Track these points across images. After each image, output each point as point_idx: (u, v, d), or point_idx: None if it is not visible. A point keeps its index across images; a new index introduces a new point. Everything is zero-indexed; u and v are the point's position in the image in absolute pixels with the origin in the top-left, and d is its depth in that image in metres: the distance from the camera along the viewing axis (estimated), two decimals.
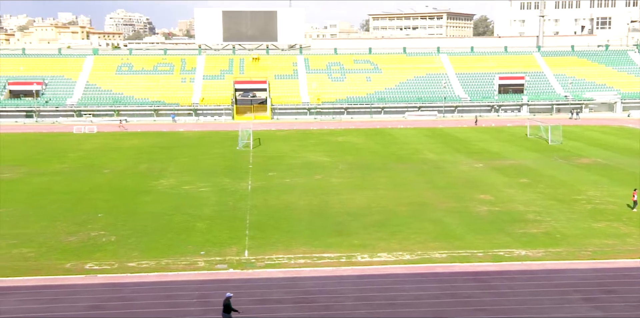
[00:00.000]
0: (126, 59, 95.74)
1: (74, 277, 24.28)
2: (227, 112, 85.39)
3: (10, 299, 22.07)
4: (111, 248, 27.95)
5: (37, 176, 45.05)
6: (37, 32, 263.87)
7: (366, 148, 58.21)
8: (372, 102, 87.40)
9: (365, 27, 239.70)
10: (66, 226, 31.33)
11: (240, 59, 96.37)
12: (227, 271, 24.99)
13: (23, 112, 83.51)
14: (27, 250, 27.61)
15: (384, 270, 25.27)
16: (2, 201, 36.85)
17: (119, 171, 47.11)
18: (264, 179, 43.53)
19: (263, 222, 32.20)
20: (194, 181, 42.70)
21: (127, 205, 36.09)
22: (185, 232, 30.44)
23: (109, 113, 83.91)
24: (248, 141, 58.73)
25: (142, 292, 22.82)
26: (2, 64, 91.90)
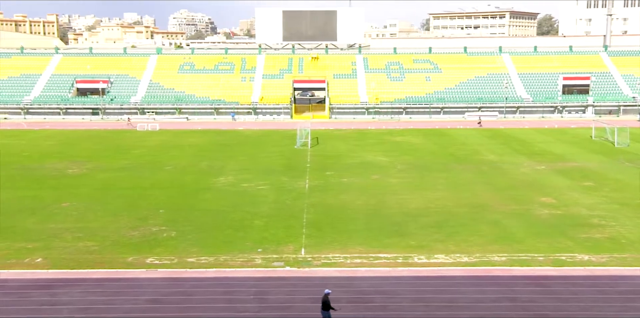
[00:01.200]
0: (188, 58, 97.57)
1: (135, 271, 24.85)
2: (286, 111, 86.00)
3: (75, 291, 22.76)
4: (171, 243, 28.50)
5: (102, 171, 46.36)
6: (104, 32, 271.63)
7: (424, 148, 57.68)
8: (432, 102, 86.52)
9: (425, 27, 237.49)
10: (129, 221, 32.12)
11: (300, 59, 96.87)
12: (284, 269, 25.15)
13: (89, 109, 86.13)
14: (91, 243, 28.42)
15: (441, 271, 24.97)
16: (68, 195, 38.07)
17: (180, 168, 48.04)
18: (322, 178, 43.63)
19: (320, 221, 32.28)
20: (252, 179, 43.16)
21: (187, 202, 36.75)
22: (243, 229, 30.78)
23: (171, 111, 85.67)
24: (306, 140, 58.98)
25: (200, 287, 23.18)
26: (71, 62, 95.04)
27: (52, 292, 22.54)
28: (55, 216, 33.07)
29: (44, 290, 22.74)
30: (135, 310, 21.04)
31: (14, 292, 22.54)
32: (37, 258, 26.24)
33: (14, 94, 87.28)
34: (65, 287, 23.03)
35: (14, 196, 37.84)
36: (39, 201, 36.44)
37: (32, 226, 31.19)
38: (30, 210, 34.31)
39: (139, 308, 21.22)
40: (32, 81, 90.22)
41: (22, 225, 31.39)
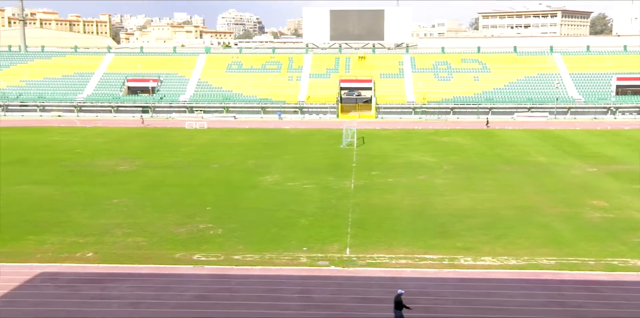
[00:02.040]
0: (236, 57, 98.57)
1: (182, 267, 25.21)
2: (332, 110, 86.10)
3: (124, 285, 23.22)
4: (218, 240, 28.83)
5: (151, 168, 47.20)
6: (154, 32, 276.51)
7: (472, 149, 56.99)
8: (480, 102, 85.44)
9: (474, 26, 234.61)
10: (176, 218, 32.61)
11: (347, 58, 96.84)
12: (329, 268, 25.17)
13: (140, 107, 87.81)
14: (140, 239, 28.96)
15: (487, 274, 24.62)
16: (119, 192, 38.88)
17: (227, 166, 48.55)
18: (367, 178, 43.53)
19: (365, 221, 32.20)
20: (298, 178, 43.33)
21: (234, 199, 37.12)
22: (289, 228, 30.93)
23: (219, 110, 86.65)
24: (352, 140, 58.92)
25: (246, 285, 23.38)
26: (122, 62, 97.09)
27: (102, 286, 23.05)
28: (106, 212, 33.82)
29: (95, 284, 23.26)
30: (182, 306, 21.36)
31: (65, 285, 23.12)
32: (88, 253, 26.87)
33: (68, 92, 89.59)
34: (114, 282, 23.52)
35: (67, 191, 38.85)
36: (90, 197, 37.32)
37: (84, 221, 31.97)
38: (83, 206, 35.16)
39: (186, 304, 21.52)
40: (85, 80, 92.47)
41: (74, 220, 32.19)
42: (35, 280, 23.69)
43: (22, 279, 23.66)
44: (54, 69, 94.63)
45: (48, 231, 30.06)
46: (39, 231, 30.05)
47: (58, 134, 67.26)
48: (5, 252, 26.78)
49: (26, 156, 52.32)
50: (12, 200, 36.37)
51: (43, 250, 27.16)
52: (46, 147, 58.02)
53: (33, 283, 23.30)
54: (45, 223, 31.42)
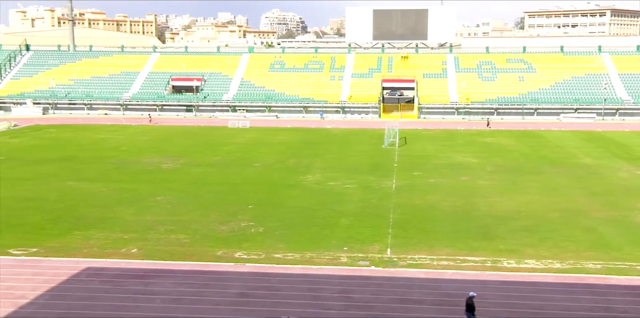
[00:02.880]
0: (279, 57, 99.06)
1: (224, 264, 25.47)
2: (374, 110, 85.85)
3: (166, 281, 23.57)
4: (259, 238, 29.03)
5: (194, 166, 47.80)
6: (199, 31, 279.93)
7: (516, 150, 56.15)
8: (525, 103, 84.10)
9: (520, 25, 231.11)
10: (219, 216, 32.95)
11: (389, 58, 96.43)
12: (369, 269, 25.12)
13: (184, 106, 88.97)
14: (183, 236, 29.35)
15: (531, 277, 24.24)
16: (162, 189, 39.48)
17: (268, 164, 48.86)
18: (409, 178, 43.28)
19: (406, 221, 32.04)
20: (339, 178, 43.34)
21: (275, 198, 37.33)
22: (329, 227, 30.96)
23: (261, 109, 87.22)
24: (394, 140, 58.65)
25: (287, 283, 23.49)
26: (167, 61, 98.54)
27: (145, 282, 23.44)
28: (150, 209, 34.38)
29: (138, 280, 23.67)
30: (223, 303, 21.58)
31: (110, 280, 23.59)
32: (132, 249, 27.36)
33: (114, 91, 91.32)
34: (157, 278, 23.90)
35: (113, 188, 39.62)
36: (135, 194, 37.98)
37: (129, 217, 32.56)
38: (128, 203, 35.82)
39: (227, 301, 21.74)
40: (131, 79, 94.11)
41: (119, 216, 32.82)
42: (82, 274, 24.23)
43: (69, 273, 24.23)
44: (101, 68, 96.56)
45: (94, 226, 30.72)
46: (85, 226, 30.74)
47: (105, 132, 68.65)
48: (53, 247, 27.47)
49: (74, 154, 53.55)
50: (61, 196, 37.28)
51: (89, 245, 27.76)
52: (93, 144, 59.29)
53: (79, 278, 23.83)
54: (91, 219, 32.11)
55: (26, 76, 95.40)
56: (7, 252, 26.72)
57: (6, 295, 22.04)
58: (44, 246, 27.49)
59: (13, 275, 24.03)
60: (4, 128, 70.85)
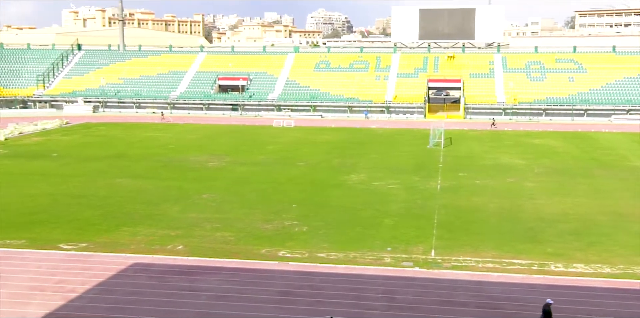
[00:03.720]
0: (324, 56, 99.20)
1: (268, 263, 25.64)
2: (419, 110, 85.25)
3: (211, 278, 23.86)
4: (303, 237, 29.13)
5: (239, 165, 48.24)
6: (245, 31, 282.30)
7: (565, 152, 55.04)
8: (574, 103, 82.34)
9: (570, 25, 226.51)
10: (263, 214, 33.19)
11: (435, 57, 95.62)
12: (413, 270, 24.96)
13: (229, 105, 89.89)
14: (228, 233, 29.66)
15: (579, 282, 23.73)
16: (208, 187, 39.96)
17: (312, 164, 48.99)
18: (454, 179, 42.85)
19: (451, 223, 31.72)
20: (383, 178, 43.18)
21: (319, 198, 37.40)
22: (373, 227, 30.87)
23: (306, 108, 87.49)
24: (439, 140, 58.15)
25: (330, 283, 23.52)
26: (214, 60, 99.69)
27: (191, 278, 23.76)
28: (196, 207, 34.84)
29: (184, 276, 24.01)
30: (267, 301, 21.72)
31: (156, 276, 23.99)
32: (178, 245, 27.77)
33: (162, 90, 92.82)
34: (203, 274, 24.21)
35: (160, 185, 40.29)
36: (182, 192, 38.54)
37: (175, 214, 33.06)
38: (175, 200, 36.37)
39: (271, 299, 21.87)
40: (178, 78, 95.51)
41: (166, 213, 33.35)
42: (129, 270, 24.71)
43: (117, 269, 24.74)
44: (149, 68, 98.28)
45: (141, 223, 31.29)
46: (133, 223, 31.34)
47: (152, 130, 69.84)
48: (102, 242, 28.09)
49: (123, 151, 54.63)
50: (110, 193, 38.09)
51: (136, 241, 28.29)
52: (141, 142, 60.39)
53: (127, 273, 24.31)
54: (139, 216, 32.72)
55: (77, 75, 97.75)
56: (58, 247, 27.44)
57: (57, 288, 22.63)
58: (94, 242, 28.13)
59: (64, 269, 24.66)
60: (56, 125, 72.75)
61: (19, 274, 24.01)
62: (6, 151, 54.59)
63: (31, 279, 23.51)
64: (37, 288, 22.60)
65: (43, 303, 21.24)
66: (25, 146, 57.51)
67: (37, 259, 25.82)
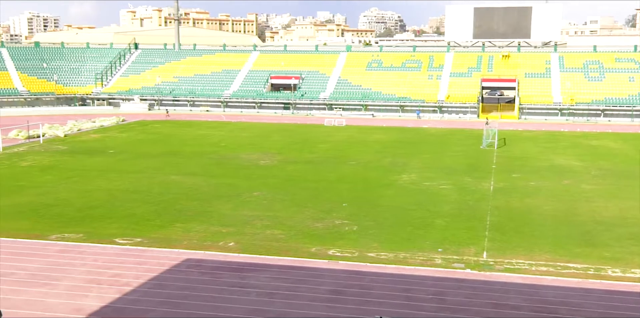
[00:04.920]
0: (376, 55, 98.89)
1: (318, 261, 25.70)
2: (473, 110, 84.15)
3: (262, 275, 24.05)
4: (353, 237, 29.10)
5: (291, 163, 48.51)
6: (298, 30, 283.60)
7: (624, 154, 53.47)
8: (635, 104, 79.93)
9: (631, 23, 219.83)
10: (313, 213, 33.29)
11: (489, 57, 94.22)
12: (464, 271, 24.64)
13: (281, 104, 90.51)
14: (278, 231, 29.85)
15: (638, 287, 23.01)
16: (259, 185, 40.31)
17: (363, 163, 48.89)
18: (507, 180, 42.13)
19: (504, 224, 31.20)
20: (435, 178, 42.78)
21: (370, 197, 37.30)
22: (424, 228, 30.62)
23: (358, 108, 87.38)
24: (493, 141, 57.27)
25: (379, 282, 23.42)
26: (267, 59, 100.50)
27: (242, 275, 24.01)
28: (247, 204, 35.19)
29: (235, 273, 24.28)
30: (317, 299, 21.77)
31: (208, 272, 24.32)
32: (229, 242, 28.09)
33: (216, 88, 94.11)
34: (253, 271, 24.43)
35: (212, 183, 40.85)
36: (234, 189, 38.99)
37: (227, 212, 33.46)
38: (226, 197, 36.82)
39: (321, 298, 21.92)
40: (231, 77, 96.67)
41: (218, 210, 33.79)
42: (182, 265, 25.12)
43: (170, 264, 25.19)
44: (203, 66, 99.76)
45: (194, 219, 31.79)
46: (186, 219, 31.86)
47: (206, 128, 70.87)
48: (156, 237, 28.64)
49: (177, 148, 55.61)
50: (164, 189, 38.82)
51: (189, 238, 28.75)
52: (195, 140, 61.35)
53: (180, 268, 24.72)
54: (191, 212, 33.24)
55: (134, 74, 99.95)
56: (114, 241, 28.11)
57: (112, 282, 23.19)
58: (148, 237, 28.71)
59: (119, 263, 25.25)
60: (113, 122, 74.56)
61: (77, 267, 24.71)
62: (66, 147, 56.25)
63: (88, 272, 24.16)
64: (93, 281, 23.20)
65: (99, 296, 21.80)
66: (84, 143, 59.15)
67: (94, 253, 26.52)
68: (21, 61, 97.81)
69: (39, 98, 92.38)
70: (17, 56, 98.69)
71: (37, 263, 25.06)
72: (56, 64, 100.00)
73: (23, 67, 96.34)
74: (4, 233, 29.19)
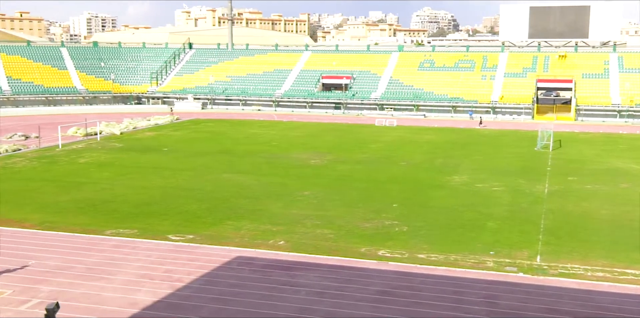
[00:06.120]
0: (429, 55, 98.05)
1: (367, 261, 25.62)
2: (527, 111, 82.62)
3: (311, 274, 24.13)
4: (403, 238, 28.92)
5: (341, 163, 48.53)
6: (350, 30, 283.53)
7: None
8: None
9: None
10: (363, 213, 33.22)
11: (545, 57, 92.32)
12: (517, 275, 24.20)
13: (332, 104, 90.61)
14: (328, 231, 29.90)
15: None
16: (310, 184, 40.45)
17: (414, 164, 48.55)
18: (563, 183, 41.21)
19: (558, 228, 30.53)
20: (487, 180, 42.16)
21: (420, 198, 37.02)
22: (475, 230, 30.21)
23: (409, 108, 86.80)
24: (547, 143, 56.11)
25: (429, 284, 23.21)
26: (318, 59, 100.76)
27: (291, 274, 24.13)
28: (297, 203, 35.36)
29: (284, 271, 24.42)
30: (364, 300, 21.72)
31: (258, 270, 24.53)
32: (280, 241, 28.28)
33: (267, 88, 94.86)
34: (303, 270, 24.52)
35: (263, 181, 41.20)
36: (284, 188, 39.23)
37: (277, 210, 33.69)
38: (277, 196, 37.07)
39: (368, 298, 21.85)
40: (283, 76, 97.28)
41: (269, 208, 34.05)
42: (233, 262, 25.41)
43: (221, 261, 25.51)
44: (256, 66, 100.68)
45: (245, 217, 32.11)
46: (237, 217, 32.21)
47: (257, 127, 71.52)
48: (207, 235, 29.05)
49: (229, 147, 56.30)
50: (216, 187, 39.34)
51: (240, 235, 29.05)
52: (246, 139, 61.99)
53: (230, 266, 25.01)
54: (242, 210, 33.59)
55: (188, 73, 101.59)
56: (167, 237, 28.63)
57: (164, 277, 23.62)
58: (199, 234, 29.14)
59: (171, 259, 25.70)
60: (167, 121, 75.96)
61: (131, 262, 25.26)
62: (122, 144, 57.58)
63: (141, 267, 24.66)
64: (146, 276, 23.68)
65: (152, 291, 22.24)
66: (139, 141, 60.44)
67: (147, 248, 27.07)
68: (80, 60, 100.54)
69: (97, 97, 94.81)
70: (76, 55, 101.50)
71: (93, 258, 25.74)
72: (113, 63, 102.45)
73: (82, 66, 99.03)
74: (64, 227, 30.09)
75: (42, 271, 24.09)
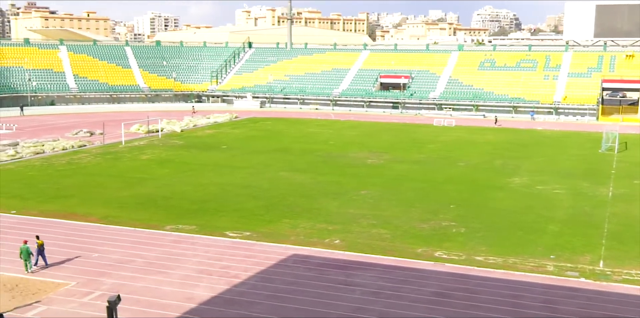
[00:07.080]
0: (489, 55, 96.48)
1: (423, 262, 25.42)
2: (591, 112, 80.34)
3: (367, 274, 24.09)
4: (460, 239, 28.56)
5: (398, 163, 48.24)
6: (409, 29, 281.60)
7: None
8: None
9: None
10: (420, 213, 32.96)
11: (612, 56, 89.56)
12: (578, 280, 23.58)
13: (390, 103, 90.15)
14: (384, 231, 29.78)
15: None
16: (366, 184, 40.36)
17: (473, 164, 47.85)
18: (628, 186, 39.91)
19: (623, 233, 29.59)
20: (548, 182, 41.21)
21: (478, 199, 36.46)
22: (535, 233, 29.58)
23: (468, 108, 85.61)
24: (613, 145, 54.42)
25: (486, 287, 22.86)
26: (376, 58, 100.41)
27: (347, 273, 24.15)
28: (353, 202, 35.34)
29: (340, 270, 24.45)
30: (420, 301, 21.56)
31: (314, 269, 24.64)
32: (335, 240, 28.33)
33: (325, 87, 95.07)
34: (358, 270, 24.51)
35: (320, 180, 41.34)
36: (340, 187, 39.27)
37: (333, 209, 33.77)
38: (333, 195, 37.14)
39: (424, 299, 21.68)
40: (341, 75, 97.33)
41: (325, 207, 34.15)
42: (289, 260, 25.60)
43: (277, 258, 25.74)
44: (314, 65, 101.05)
45: (301, 216, 32.29)
46: (293, 215, 32.42)
47: (315, 126, 71.79)
48: (264, 232, 29.35)
49: (286, 145, 56.71)
50: (274, 185, 39.69)
51: (296, 233, 29.24)
52: (304, 137, 62.30)
53: (286, 263, 25.21)
54: (299, 209, 33.79)
55: (247, 72, 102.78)
56: (224, 234, 29.07)
57: (222, 273, 23.99)
58: (256, 231, 29.47)
59: (229, 255, 26.08)
60: (226, 119, 77.03)
61: (189, 257, 25.76)
62: (182, 142, 58.72)
63: (200, 263, 25.12)
64: (204, 272, 24.10)
65: (210, 286, 22.62)
66: (199, 138, 61.50)
67: (205, 244, 27.54)
68: (143, 59, 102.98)
69: (159, 94, 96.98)
70: (139, 54, 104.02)
71: (153, 252, 26.36)
72: (175, 62, 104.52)
73: (145, 65, 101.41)
74: (126, 222, 30.91)
75: (105, 264, 24.82)
